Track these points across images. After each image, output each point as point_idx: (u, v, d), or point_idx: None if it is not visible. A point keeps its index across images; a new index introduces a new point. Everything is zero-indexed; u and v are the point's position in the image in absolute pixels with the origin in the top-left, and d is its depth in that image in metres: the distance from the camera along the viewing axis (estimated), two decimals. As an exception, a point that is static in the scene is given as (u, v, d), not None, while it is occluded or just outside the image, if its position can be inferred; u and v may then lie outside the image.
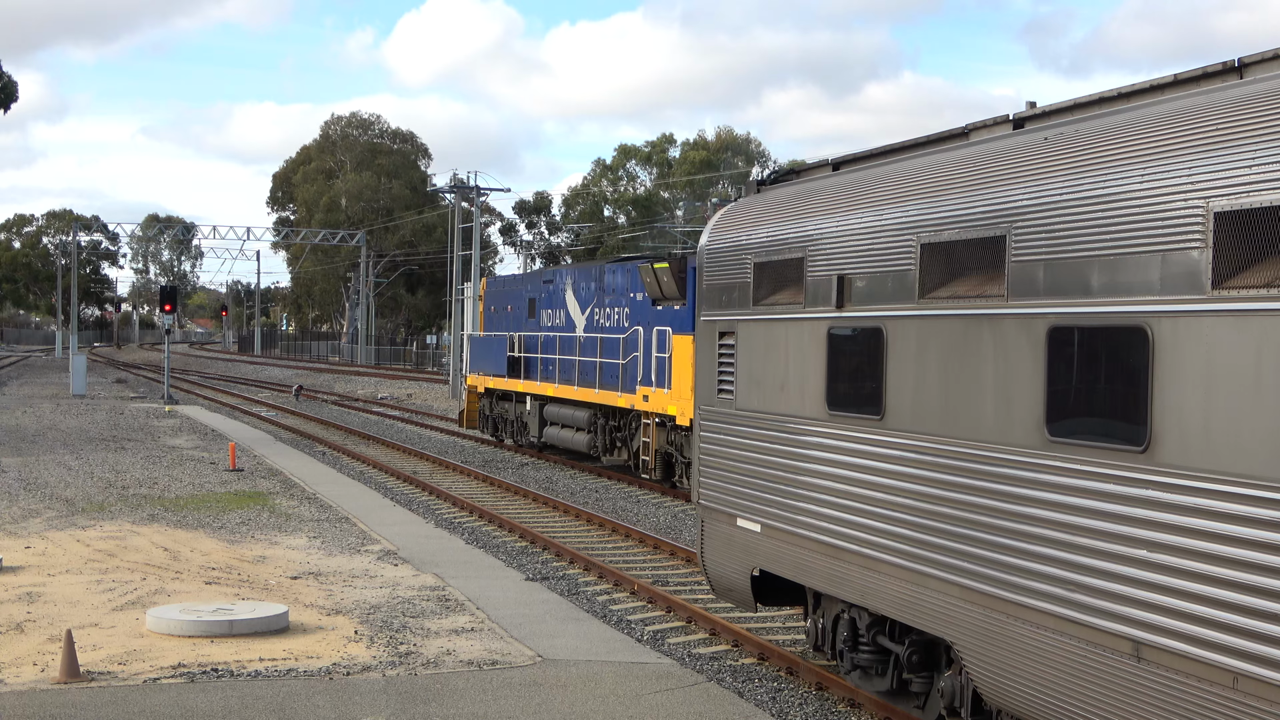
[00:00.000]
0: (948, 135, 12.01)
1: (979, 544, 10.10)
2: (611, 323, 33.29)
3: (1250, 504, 7.80)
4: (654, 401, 30.18)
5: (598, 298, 34.32)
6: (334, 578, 18.42)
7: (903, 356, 11.23)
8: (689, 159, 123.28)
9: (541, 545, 22.44)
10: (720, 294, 14.61)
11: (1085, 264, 9.07)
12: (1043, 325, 9.46)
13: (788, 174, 14.97)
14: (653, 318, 30.71)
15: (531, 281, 39.95)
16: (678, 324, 29.29)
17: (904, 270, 11.22)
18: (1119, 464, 8.72)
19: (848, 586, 12.12)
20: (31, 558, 19.35)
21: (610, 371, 32.84)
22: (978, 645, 10.21)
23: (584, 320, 35.14)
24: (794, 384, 13.01)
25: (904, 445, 11.14)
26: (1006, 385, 9.86)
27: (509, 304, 40.79)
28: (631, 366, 31.60)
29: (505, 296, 41.40)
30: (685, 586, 19.23)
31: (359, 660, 13.81)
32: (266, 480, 29.90)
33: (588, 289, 35.11)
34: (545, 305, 37.82)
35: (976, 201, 10.34)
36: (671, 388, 29.43)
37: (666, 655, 14.85)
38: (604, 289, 33.96)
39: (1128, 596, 8.63)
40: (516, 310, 40.03)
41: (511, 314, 40.41)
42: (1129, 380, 8.69)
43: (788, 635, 16.23)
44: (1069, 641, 9.16)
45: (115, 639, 14.48)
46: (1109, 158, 9.09)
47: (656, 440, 30.17)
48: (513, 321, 40.12)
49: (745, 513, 13.91)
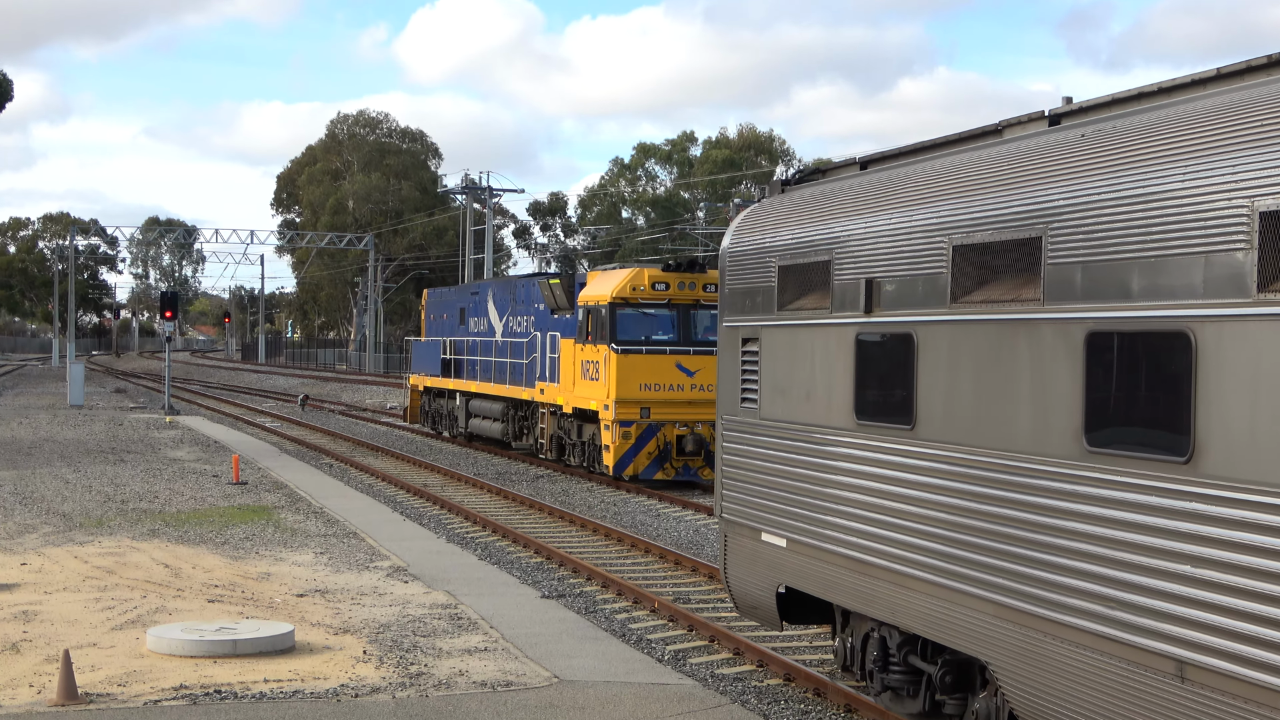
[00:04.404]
0: (981, 132, 12.01)
1: (1014, 559, 10.09)
2: (521, 329, 40.00)
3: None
4: (548, 394, 36.85)
5: (511, 307, 41.11)
6: (342, 595, 18.46)
7: (934, 363, 11.23)
8: (711, 158, 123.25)
9: (557, 561, 22.46)
10: (743, 299, 14.62)
11: (1125, 266, 9.06)
12: (1080, 330, 9.45)
13: (813, 173, 14.97)
14: (550, 325, 37.40)
15: (463, 293, 47.95)
16: (566, 330, 36.00)
17: (935, 273, 11.22)
18: (1160, 475, 8.71)
19: (877, 604, 12.11)
20: (27, 575, 19.43)
21: (517, 370, 39.57)
22: (1014, 665, 10.19)
23: (501, 326, 41.93)
24: (820, 392, 13.02)
25: (935, 456, 11.13)
26: (1043, 393, 9.85)
27: (445, 312, 48.35)
28: (532, 365, 38.33)
29: (442, 306, 49.21)
30: (708, 604, 19.24)
31: (368, 681, 13.84)
32: (271, 494, 29.98)
33: (504, 299, 41.98)
34: (473, 314, 44.85)
35: (1011, 201, 10.34)
36: (559, 382, 36.02)
37: (688, 676, 14.85)
38: (516, 300, 40.87)
39: (1170, 614, 8.61)
40: (450, 318, 47.29)
41: (446, 321, 47.72)
42: (1171, 387, 8.67)
43: (815, 655, 16.22)
44: (1109, 661, 9.14)
45: (114, 659, 14.53)
46: (1149, 155, 9.08)
47: (551, 427, 37.16)
48: (447, 328, 47.35)
49: (770, 527, 13.91)
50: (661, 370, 33.09)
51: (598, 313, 33.59)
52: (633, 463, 32.86)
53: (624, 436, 32.80)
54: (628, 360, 32.89)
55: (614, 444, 32.89)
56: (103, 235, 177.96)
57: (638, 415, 32.81)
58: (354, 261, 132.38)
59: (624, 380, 32.80)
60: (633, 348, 33.01)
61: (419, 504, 30.16)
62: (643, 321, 33.40)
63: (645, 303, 33.36)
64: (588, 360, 34.15)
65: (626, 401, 32.77)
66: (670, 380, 33.13)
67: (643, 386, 32.93)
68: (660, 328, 33.48)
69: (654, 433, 32.99)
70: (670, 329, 33.49)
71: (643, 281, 33.41)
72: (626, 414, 32.77)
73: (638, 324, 33.32)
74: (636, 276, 33.60)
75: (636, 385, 32.88)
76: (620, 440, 32.81)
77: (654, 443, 32.98)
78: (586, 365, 34.24)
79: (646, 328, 33.40)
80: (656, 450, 33.01)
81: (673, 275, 33.75)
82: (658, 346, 33.21)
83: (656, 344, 33.25)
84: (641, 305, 33.35)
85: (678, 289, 33.57)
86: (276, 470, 35.17)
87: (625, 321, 33.20)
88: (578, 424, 35.65)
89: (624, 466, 32.89)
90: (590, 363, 34.01)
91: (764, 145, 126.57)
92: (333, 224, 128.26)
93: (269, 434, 49.99)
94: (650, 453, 32.98)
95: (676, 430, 33.07)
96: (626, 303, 33.23)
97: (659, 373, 33.07)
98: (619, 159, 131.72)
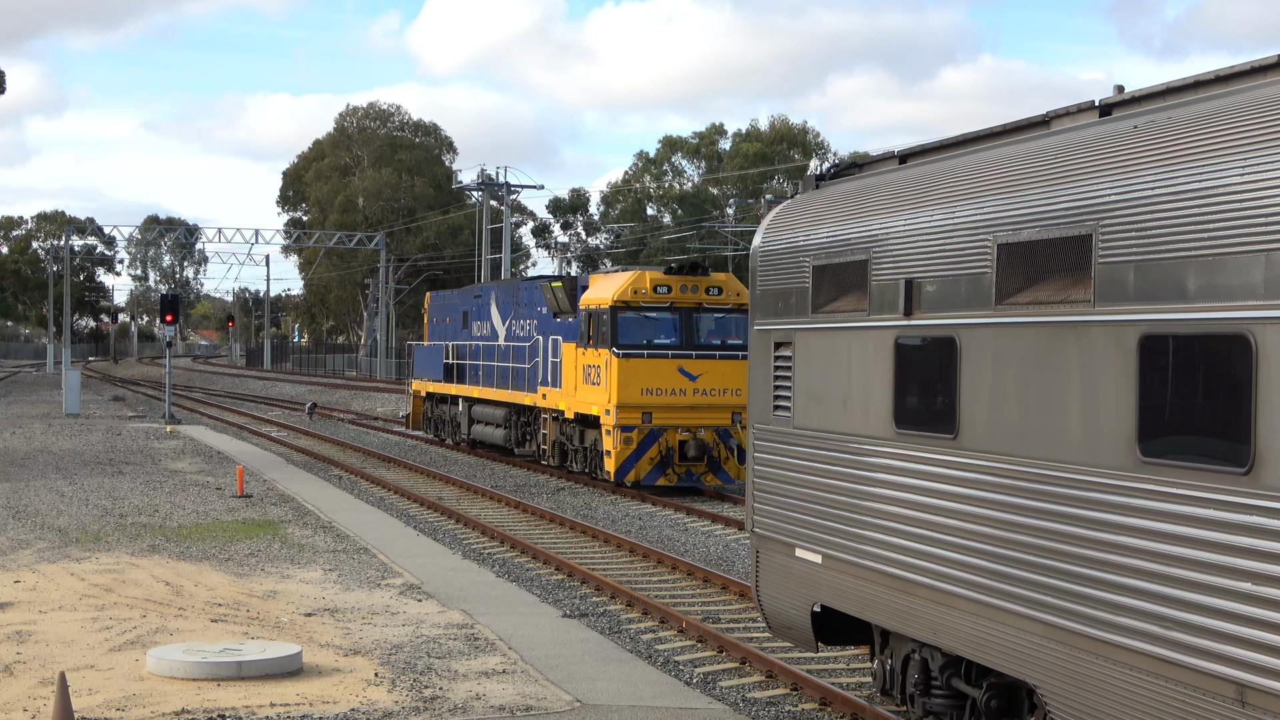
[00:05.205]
0: (1027, 124, 11.98)
1: (1063, 576, 10.05)
2: (524, 332, 40.85)
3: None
4: (550, 399, 37.68)
5: (514, 310, 41.97)
6: (352, 615, 18.49)
7: (978, 369, 11.19)
8: (741, 151, 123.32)
9: (580, 578, 22.47)
10: (775, 300, 14.60)
11: (1180, 265, 9.02)
12: (1134, 333, 9.41)
13: (850, 168, 14.96)
14: (552, 328, 38.22)
15: (466, 295, 48.67)
16: (568, 333, 36.77)
17: (979, 273, 11.19)
18: (1218, 486, 8.66)
19: (918, 623, 12.08)
20: (21, 593, 19.50)
21: (520, 374, 40.51)
22: (1063, 688, 10.15)
23: (504, 330, 42.80)
24: (857, 400, 12.99)
25: (980, 467, 11.10)
26: (1094, 400, 9.81)
27: (448, 316, 49.30)
28: (535, 370, 39.20)
29: (445, 310, 50.14)
30: (738, 623, 19.23)
31: (380, 705, 13.86)
32: (277, 507, 30.06)
33: (507, 302, 42.83)
34: (476, 317, 45.89)
35: (1059, 197, 10.31)
36: (561, 387, 36.84)
37: (718, 700, 14.84)
38: (519, 303, 41.62)
39: (1230, 634, 8.56)
40: (454, 322, 48.30)
41: (449, 325, 48.73)
42: (1230, 394, 8.63)
43: (852, 678, 16.20)
44: (1164, 684, 9.10)
45: (113, 682, 14.57)
46: (1206, 148, 9.04)
47: (553, 432, 37.98)
48: (450, 332, 48.45)
49: (804, 542, 13.89)
50: (663, 374, 33.89)
51: (599, 316, 34.41)
52: (634, 468, 33.66)
53: (625, 442, 33.56)
54: (629, 364, 33.66)
55: (615, 449, 33.64)
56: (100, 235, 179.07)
57: (639, 420, 33.63)
58: (364, 262, 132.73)
59: (625, 385, 33.58)
60: (634, 351, 33.81)
61: (433, 518, 30.21)
62: (644, 325, 34.23)
63: (647, 306, 34.20)
64: (589, 364, 34.94)
65: (628, 406, 33.58)
66: (672, 385, 33.90)
67: (644, 391, 33.74)
68: (662, 331, 34.28)
69: (656, 438, 33.77)
70: (672, 332, 34.28)
71: (644, 284, 34.22)
72: (628, 419, 33.56)
73: (639, 327, 34.16)
74: (638, 279, 34.40)
75: (638, 390, 33.69)
76: (621, 446, 33.56)
77: (656, 448, 33.78)
78: (588, 369, 35.05)
79: (648, 331, 34.23)
80: (658, 456, 33.82)
81: (675, 278, 34.59)
82: (660, 350, 33.99)
83: (658, 348, 34.04)
84: (643, 308, 34.19)
85: (680, 292, 34.34)
86: (283, 482, 35.26)
87: (627, 325, 34.02)
88: (580, 429, 36.49)
89: (625, 472, 33.66)
90: (592, 367, 34.79)
91: (797, 138, 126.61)
92: (342, 222, 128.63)
93: (275, 444, 50.16)
94: (652, 458, 33.77)
95: (679, 435, 33.86)
96: (628, 306, 34.03)
97: (661, 377, 33.86)
98: (644, 153, 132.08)
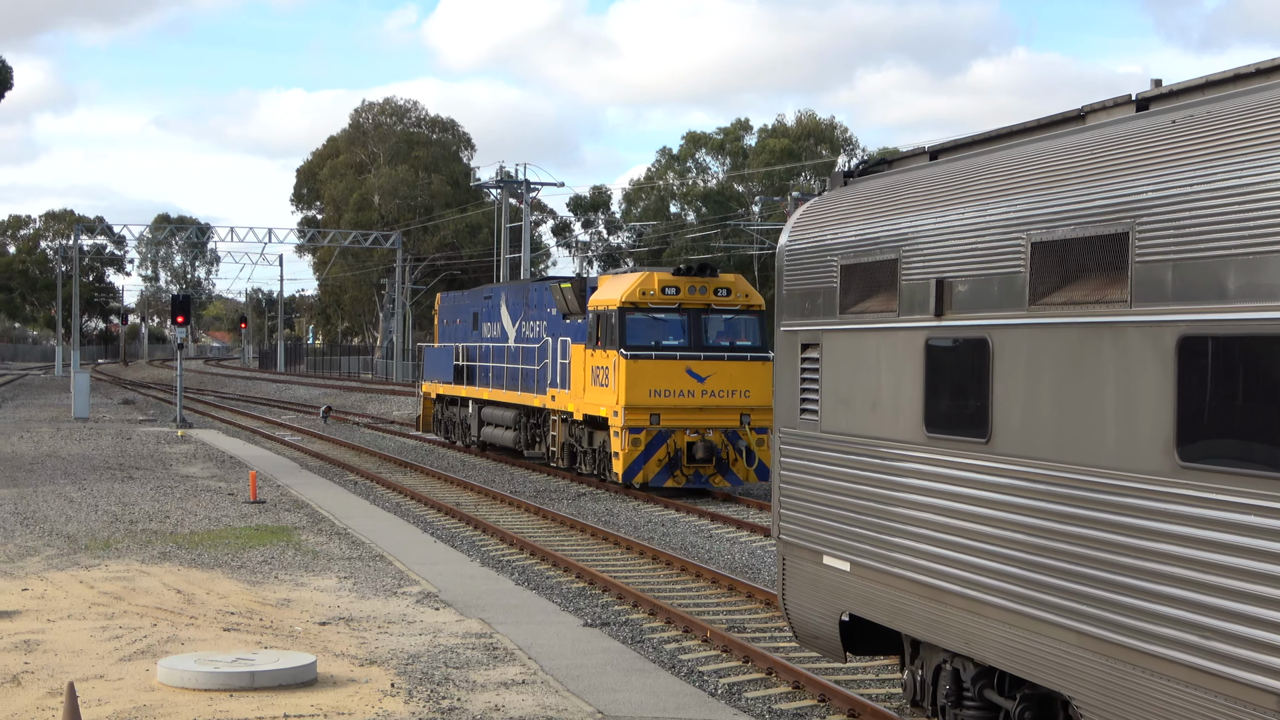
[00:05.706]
0: (1061, 119, 11.99)
1: (1100, 584, 10.06)
2: (533, 334, 41.63)
3: None
4: (559, 401, 38.54)
5: (524, 312, 42.74)
6: (368, 623, 18.56)
7: (1011, 371, 11.21)
8: (767, 147, 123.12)
9: (601, 586, 22.51)
10: (802, 301, 14.62)
11: (1220, 264, 9.03)
12: (1172, 334, 9.42)
13: (879, 164, 14.97)
14: (562, 330, 38.95)
15: (476, 296, 49.63)
16: (577, 335, 37.53)
17: (1012, 273, 11.20)
18: (1259, 492, 8.67)
19: (949, 633, 12.09)
20: (29, 601, 19.60)
21: (529, 376, 41.30)
22: (1099, 700, 10.16)
23: (514, 331, 43.61)
24: (887, 403, 13.01)
25: (1013, 472, 11.11)
26: (1131, 403, 9.82)
27: (458, 317, 50.15)
28: (544, 371, 40.07)
29: (455, 311, 50.93)
30: (765, 633, 19.25)
31: (396, 716, 13.91)
32: (291, 513, 30.15)
33: (517, 304, 43.58)
34: (486, 318, 46.72)
35: (1094, 194, 10.32)
36: (570, 389, 37.64)
37: (744, 711, 14.86)
38: (529, 304, 42.34)
39: (1271, 644, 8.57)
40: (464, 323, 49.09)
41: (459, 326, 49.58)
42: (1271, 396, 8.63)
43: (882, 689, 16.21)
44: (1204, 695, 9.10)
45: (123, 693, 14.65)
46: (1247, 143, 9.05)
47: (561, 434, 38.87)
48: (460, 333, 49.35)
49: (832, 549, 13.91)
50: (672, 376, 34.44)
51: (607, 317, 35.03)
52: (642, 470, 34.27)
53: (633, 443, 34.17)
54: (637, 365, 34.22)
55: (623, 451, 34.25)
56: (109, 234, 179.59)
57: (647, 422, 34.21)
58: (380, 261, 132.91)
59: (633, 386, 34.13)
60: (642, 353, 34.38)
61: (451, 524, 30.28)
62: (653, 326, 34.82)
63: (655, 307, 34.82)
64: (598, 366, 35.53)
65: (636, 408, 34.13)
66: (681, 386, 34.46)
67: (652, 393, 34.31)
68: (671, 333, 34.89)
69: (664, 439, 34.35)
70: (681, 334, 34.84)
71: (653, 285, 34.79)
72: (636, 420, 34.12)
73: (648, 329, 34.74)
74: (646, 280, 34.95)
75: (646, 391, 34.25)
76: (630, 447, 34.16)
77: (664, 450, 34.38)
78: (596, 371, 35.64)
79: (657, 333, 34.80)
80: (666, 457, 34.41)
81: (683, 279, 35.18)
82: (668, 352, 34.58)
83: (667, 349, 34.63)
84: (651, 310, 34.81)
85: (688, 293, 34.90)
86: (297, 488, 35.37)
87: (635, 326, 34.60)
88: (589, 431, 37.07)
89: (633, 474, 34.28)
90: (600, 368, 35.38)
91: (825, 134, 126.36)
92: (357, 221, 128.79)
93: (289, 449, 50.29)
94: (660, 460, 34.36)
95: (687, 437, 34.46)
96: (636, 307, 34.62)
97: (669, 378, 34.42)
98: (667, 149, 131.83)
